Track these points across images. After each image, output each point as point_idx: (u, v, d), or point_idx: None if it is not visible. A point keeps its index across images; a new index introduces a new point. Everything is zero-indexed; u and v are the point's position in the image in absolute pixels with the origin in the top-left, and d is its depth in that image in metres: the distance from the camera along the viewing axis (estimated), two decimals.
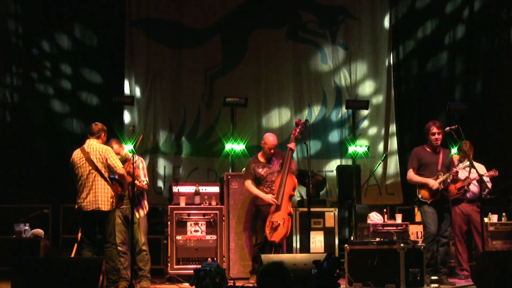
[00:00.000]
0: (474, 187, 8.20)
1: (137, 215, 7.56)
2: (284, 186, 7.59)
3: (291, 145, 7.72)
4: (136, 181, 7.41)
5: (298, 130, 7.75)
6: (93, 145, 6.94)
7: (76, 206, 6.91)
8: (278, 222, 7.51)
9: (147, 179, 7.73)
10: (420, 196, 7.60)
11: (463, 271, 8.12)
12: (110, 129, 8.53)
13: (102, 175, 6.85)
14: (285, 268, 4.59)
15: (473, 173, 7.99)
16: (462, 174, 8.15)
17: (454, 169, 7.47)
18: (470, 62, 11.04)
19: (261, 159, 7.91)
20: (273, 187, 7.70)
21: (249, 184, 7.84)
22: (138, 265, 7.59)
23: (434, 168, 7.57)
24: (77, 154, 6.95)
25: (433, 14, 11.14)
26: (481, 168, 8.20)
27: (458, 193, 8.17)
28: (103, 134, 7.08)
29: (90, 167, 6.84)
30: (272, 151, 7.86)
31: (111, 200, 6.86)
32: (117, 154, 7.37)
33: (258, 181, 7.83)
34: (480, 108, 10.78)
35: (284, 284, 4.55)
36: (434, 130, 7.66)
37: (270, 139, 7.88)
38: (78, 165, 6.89)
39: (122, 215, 7.56)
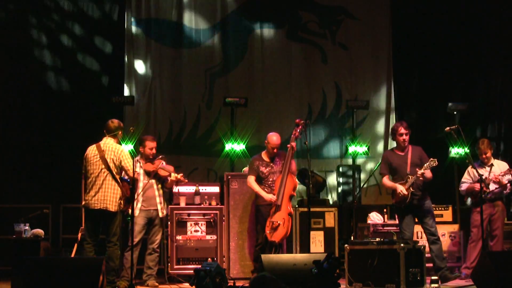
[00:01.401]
0: (492, 186, 8.11)
1: (160, 214, 7.70)
2: (285, 186, 7.59)
3: (292, 145, 7.71)
4: (175, 175, 7.61)
5: (298, 130, 7.74)
6: (109, 144, 6.96)
7: (83, 203, 6.94)
8: (278, 222, 7.51)
9: None
10: (394, 202, 7.69)
11: (465, 269, 8.09)
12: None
13: (113, 176, 6.87)
14: (271, 278, 4.55)
15: (491, 173, 7.94)
16: (483, 173, 7.95)
17: (419, 172, 7.43)
18: (471, 61, 11.05)
19: (265, 158, 7.91)
20: (274, 187, 7.71)
21: (252, 180, 7.83)
22: (148, 265, 7.66)
23: (403, 170, 7.59)
24: (91, 151, 6.97)
25: (435, 13, 11.16)
26: (503, 165, 8.15)
27: (477, 196, 8.05)
28: (120, 133, 7.11)
29: (103, 166, 6.87)
30: (275, 150, 7.86)
31: (119, 201, 6.88)
32: (152, 149, 7.61)
33: (259, 180, 7.83)
34: (483, 106, 10.80)
35: None
36: (402, 130, 7.68)
37: (273, 138, 7.88)
38: (91, 162, 6.92)
39: (146, 217, 7.63)
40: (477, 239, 8.07)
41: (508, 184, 8.13)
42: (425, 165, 7.46)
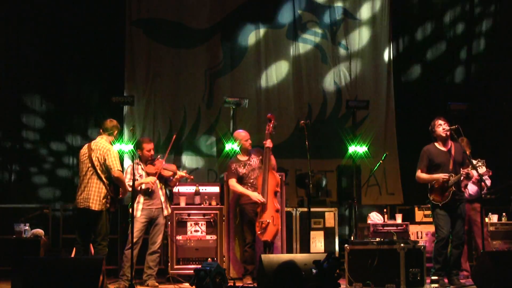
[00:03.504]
0: (471, 187, 8.11)
1: (165, 212, 7.76)
2: (267, 183, 7.58)
3: (267, 142, 7.71)
4: (180, 173, 7.76)
5: (271, 125, 7.75)
6: (99, 142, 6.98)
7: (74, 202, 6.98)
8: (268, 221, 7.50)
9: None
10: (431, 198, 7.42)
11: (463, 271, 8.10)
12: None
13: (97, 175, 6.86)
14: (298, 267, 4.62)
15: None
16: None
17: (465, 170, 7.27)
18: (471, 61, 11.05)
19: (241, 158, 7.94)
20: (256, 185, 7.70)
21: (234, 182, 7.83)
22: (149, 265, 7.67)
23: (446, 168, 7.36)
24: (83, 149, 7.03)
25: (433, 12, 11.17)
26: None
27: None
28: (116, 132, 7.11)
29: (89, 165, 6.90)
30: (249, 142, 7.90)
31: (103, 200, 6.86)
32: (150, 151, 7.66)
33: (241, 180, 7.83)
34: (480, 107, 10.79)
35: (298, 283, 4.58)
36: (440, 121, 7.51)
37: (242, 134, 7.98)
38: (81, 161, 6.98)
39: (148, 216, 7.63)
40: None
41: (488, 183, 8.12)
42: (473, 164, 7.28)
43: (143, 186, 7.63)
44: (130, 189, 7.18)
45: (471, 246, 8.47)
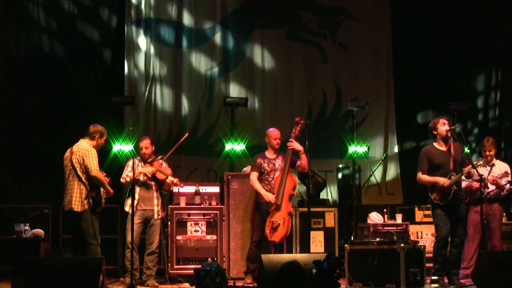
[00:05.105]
0: (492, 187, 8.05)
1: (156, 215, 7.74)
2: (284, 185, 7.59)
3: (293, 144, 7.64)
4: (171, 179, 7.72)
5: (298, 129, 7.70)
6: (79, 145, 7.06)
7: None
8: (278, 222, 7.51)
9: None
10: (432, 197, 7.39)
11: (463, 270, 8.08)
12: (110, 129, 8.55)
13: (78, 176, 6.92)
14: (301, 267, 4.64)
15: (491, 173, 7.92)
16: (483, 172, 7.80)
17: (466, 168, 7.25)
18: (472, 60, 11.06)
19: (268, 155, 7.92)
20: (273, 185, 7.70)
21: (254, 178, 7.82)
22: (147, 265, 7.69)
23: (447, 168, 7.33)
24: (66, 153, 7.16)
25: (435, 13, 11.17)
26: (504, 167, 8.12)
27: (475, 195, 7.96)
28: (98, 136, 7.14)
29: (71, 167, 6.98)
30: (278, 142, 7.85)
31: (85, 201, 6.89)
32: (142, 149, 7.72)
33: (260, 176, 7.83)
34: (481, 106, 10.81)
35: (301, 283, 4.61)
36: (444, 120, 7.47)
37: (274, 132, 7.91)
38: (64, 164, 7.10)
39: (142, 217, 7.65)
40: (472, 239, 8.05)
41: (507, 185, 8.11)
42: (473, 163, 7.25)
43: (141, 178, 7.66)
44: (112, 190, 7.17)
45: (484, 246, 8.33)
